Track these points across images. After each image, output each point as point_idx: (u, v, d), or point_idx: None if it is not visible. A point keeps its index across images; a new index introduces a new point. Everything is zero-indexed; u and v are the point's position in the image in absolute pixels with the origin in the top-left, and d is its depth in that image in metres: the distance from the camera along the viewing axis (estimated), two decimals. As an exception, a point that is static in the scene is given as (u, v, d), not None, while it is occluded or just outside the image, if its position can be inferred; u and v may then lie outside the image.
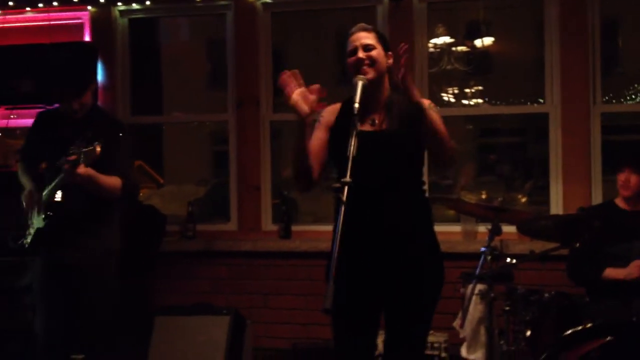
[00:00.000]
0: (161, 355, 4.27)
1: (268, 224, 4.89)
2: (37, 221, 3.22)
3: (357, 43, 2.52)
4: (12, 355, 4.14)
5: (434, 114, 2.44)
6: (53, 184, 3.14)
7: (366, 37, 2.53)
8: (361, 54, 2.49)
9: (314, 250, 4.53)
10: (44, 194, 3.21)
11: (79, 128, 3.24)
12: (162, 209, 4.84)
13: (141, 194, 5.00)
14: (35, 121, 3.48)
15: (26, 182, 3.35)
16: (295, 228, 4.80)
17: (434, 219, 2.64)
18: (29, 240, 3.26)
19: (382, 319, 2.59)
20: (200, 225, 4.94)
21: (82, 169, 2.97)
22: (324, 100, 2.48)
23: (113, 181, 3.20)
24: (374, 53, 2.50)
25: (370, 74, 2.47)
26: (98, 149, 2.95)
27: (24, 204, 3.29)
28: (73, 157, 2.95)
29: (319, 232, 4.74)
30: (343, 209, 2.19)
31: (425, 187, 2.66)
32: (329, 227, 2.69)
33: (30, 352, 3.65)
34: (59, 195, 3.16)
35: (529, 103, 5.24)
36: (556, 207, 4.49)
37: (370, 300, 2.54)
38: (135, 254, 4.32)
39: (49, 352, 3.26)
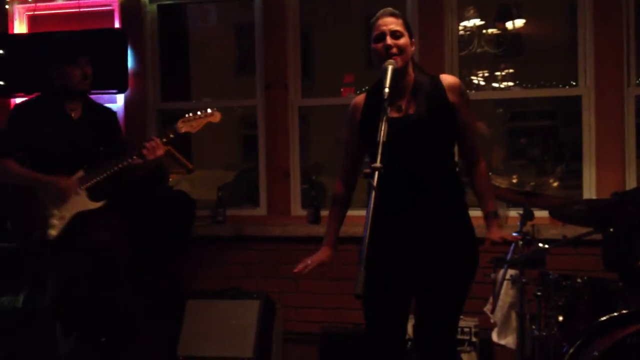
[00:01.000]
0: (192, 338, 4.32)
1: (297, 209, 4.90)
2: (68, 207, 3.24)
3: (385, 28, 2.48)
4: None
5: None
6: (101, 167, 3.24)
7: (394, 23, 2.49)
8: (389, 41, 2.46)
9: (343, 235, 4.41)
10: (79, 177, 3.24)
11: (83, 114, 3.35)
12: (192, 194, 4.87)
13: (170, 179, 5.03)
14: (17, 113, 3.40)
15: (34, 175, 3.25)
16: (324, 213, 4.80)
17: (467, 202, 2.63)
18: (55, 231, 3.22)
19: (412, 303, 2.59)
20: (229, 210, 4.97)
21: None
22: (351, 85, 2.49)
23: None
24: (401, 41, 2.48)
25: (399, 63, 2.45)
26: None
27: (48, 193, 3.24)
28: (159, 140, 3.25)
29: (348, 217, 4.68)
30: (374, 194, 2.19)
31: (458, 169, 2.64)
32: (359, 212, 2.71)
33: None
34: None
35: (560, 86, 5.15)
36: (589, 191, 4.42)
37: (401, 284, 2.54)
38: (166, 239, 4.39)
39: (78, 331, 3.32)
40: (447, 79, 2.60)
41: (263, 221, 4.87)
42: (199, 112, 3.40)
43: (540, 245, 3.46)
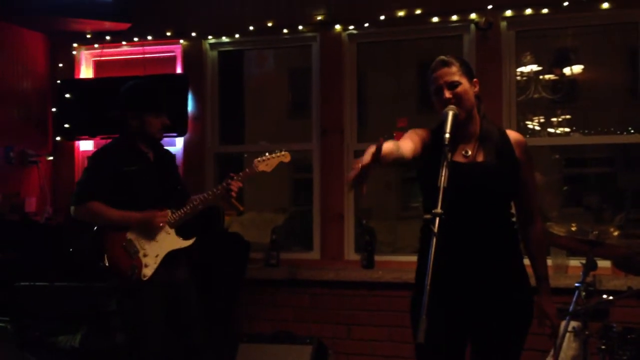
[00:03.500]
0: (245, 382, 4.31)
1: (351, 253, 4.89)
2: (157, 247, 3.35)
3: (441, 81, 2.45)
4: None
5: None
6: (186, 206, 3.41)
7: (449, 74, 2.45)
8: (447, 94, 2.43)
9: (397, 280, 4.48)
10: (170, 218, 3.39)
11: (157, 155, 3.50)
12: (244, 236, 4.90)
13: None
14: (100, 158, 3.49)
15: (132, 214, 3.35)
16: (377, 258, 4.77)
17: (523, 252, 2.58)
18: (150, 270, 3.31)
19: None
20: (282, 253, 4.98)
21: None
22: (404, 129, 2.46)
23: None
24: (460, 90, 2.45)
25: (462, 115, 2.43)
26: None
27: (139, 233, 3.35)
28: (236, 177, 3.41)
29: (401, 263, 4.69)
30: (435, 240, 2.16)
31: (514, 219, 2.61)
32: (411, 258, 2.68)
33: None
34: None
35: (619, 132, 5.05)
36: (653, 241, 4.29)
37: (457, 333, 2.49)
38: (222, 281, 4.42)
39: None
40: (514, 134, 2.58)
41: (316, 265, 4.86)
42: (273, 153, 3.59)
43: (604, 296, 3.36)
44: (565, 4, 4.41)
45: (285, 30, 5.00)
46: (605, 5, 4.36)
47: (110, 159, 3.43)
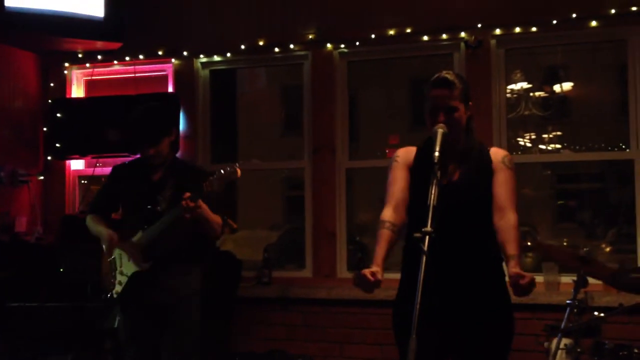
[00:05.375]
0: (237, 402, 4.28)
1: (343, 271, 4.88)
2: (130, 266, 3.30)
3: (439, 103, 2.44)
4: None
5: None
6: (154, 226, 3.26)
7: (448, 97, 2.44)
8: (442, 117, 2.43)
9: (390, 298, 4.41)
10: (136, 239, 3.30)
11: (163, 175, 3.40)
12: (236, 254, 4.89)
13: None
14: (111, 174, 3.55)
15: (103, 230, 3.38)
16: (370, 276, 4.76)
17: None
18: (119, 288, 3.31)
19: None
20: (274, 271, 4.97)
21: (200, 203, 3.16)
22: (396, 146, 2.47)
23: (217, 218, 3.36)
24: (456, 115, 2.45)
25: (452, 135, 2.43)
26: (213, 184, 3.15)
27: (109, 253, 3.35)
28: (188, 194, 3.11)
29: (394, 280, 4.65)
30: (424, 258, 2.16)
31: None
32: (393, 276, 2.69)
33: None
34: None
35: (609, 148, 5.08)
36: (644, 257, 4.30)
37: (438, 350, 2.48)
38: (214, 299, 4.38)
39: None
40: (495, 149, 2.59)
41: (309, 283, 4.85)
42: (222, 171, 3.25)
43: (596, 313, 3.36)
44: (554, 22, 4.46)
45: (276, 49, 5.03)
46: (594, 24, 4.41)
47: (119, 176, 3.49)
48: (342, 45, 4.92)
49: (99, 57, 5.36)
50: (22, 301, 4.33)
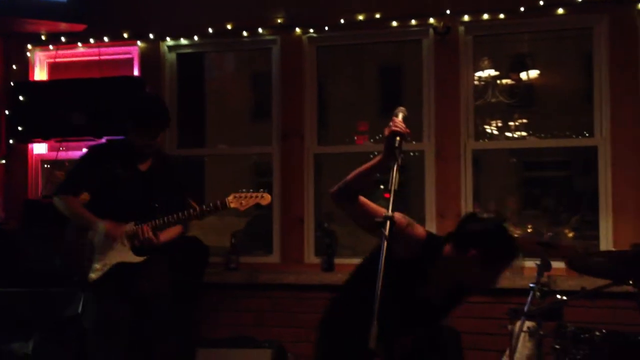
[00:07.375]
0: (203, 387, 4.26)
1: (311, 257, 4.88)
2: (114, 256, 3.27)
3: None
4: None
5: None
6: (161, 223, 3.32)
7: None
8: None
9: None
10: (128, 229, 3.29)
11: (152, 166, 3.45)
12: (203, 241, 4.86)
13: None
14: (89, 154, 3.51)
15: (89, 216, 3.33)
16: (337, 261, 4.77)
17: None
18: (95, 275, 3.27)
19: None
20: (242, 257, 4.95)
21: (161, 237, 3.30)
22: (365, 133, 2.46)
23: (177, 231, 3.48)
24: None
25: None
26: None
27: (97, 238, 3.31)
28: (147, 229, 3.26)
29: (348, 265, 4.68)
30: (386, 244, 2.15)
31: None
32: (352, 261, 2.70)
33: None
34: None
35: (574, 136, 5.15)
36: (606, 242, 4.38)
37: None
38: (180, 285, 4.35)
39: None
40: None
41: (276, 268, 4.84)
42: (251, 191, 3.45)
43: (558, 297, 3.41)
44: (522, 9, 4.49)
45: (245, 33, 4.98)
46: (561, 11, 4.45)
47: (99, 159, 3.42)
48: (311, 30, 4.89)
49: (63, 39, 5.24)
50: (-17, 287, 4.24)
